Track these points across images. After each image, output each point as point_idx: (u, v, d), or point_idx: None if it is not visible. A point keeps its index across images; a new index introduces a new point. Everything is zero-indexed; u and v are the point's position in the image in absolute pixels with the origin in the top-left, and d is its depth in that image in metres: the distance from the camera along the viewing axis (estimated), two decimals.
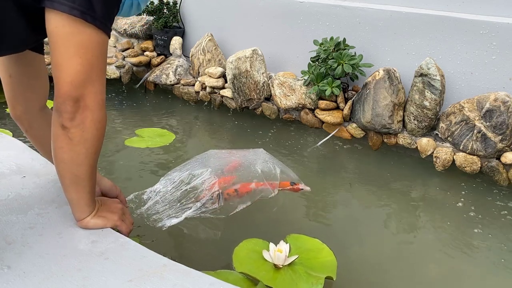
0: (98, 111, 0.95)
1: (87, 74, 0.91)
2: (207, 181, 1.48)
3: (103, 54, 0.95)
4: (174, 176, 1.51)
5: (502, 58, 2.06)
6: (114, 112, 2.82)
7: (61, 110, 0.92)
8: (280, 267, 1.38)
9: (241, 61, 2.60)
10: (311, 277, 1.34)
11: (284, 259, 1.37)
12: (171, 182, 1.50)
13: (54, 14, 0.87)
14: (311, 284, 1.32)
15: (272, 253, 1.38)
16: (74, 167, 0.98)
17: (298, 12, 2.64)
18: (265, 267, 1.37)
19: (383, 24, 2.36)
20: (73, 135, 0.94)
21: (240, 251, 1.44)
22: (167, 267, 0.97)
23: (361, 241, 1.62)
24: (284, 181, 1.57)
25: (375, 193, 1.98)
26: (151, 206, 1.45)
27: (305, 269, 1.38)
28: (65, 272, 0.93)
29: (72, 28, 0.87)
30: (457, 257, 1.59)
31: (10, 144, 1.51)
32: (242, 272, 1.36)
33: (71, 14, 0.85)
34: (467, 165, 2.06)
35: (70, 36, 0.88)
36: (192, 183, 1.49)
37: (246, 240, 1.49)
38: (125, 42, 3.25)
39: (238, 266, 1.38)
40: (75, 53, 0.89)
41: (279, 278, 1.34)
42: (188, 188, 1.48)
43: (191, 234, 1.55)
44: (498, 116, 1.97)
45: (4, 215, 1.11)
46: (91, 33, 0.89)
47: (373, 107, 2.23)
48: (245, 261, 1.40)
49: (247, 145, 2.44)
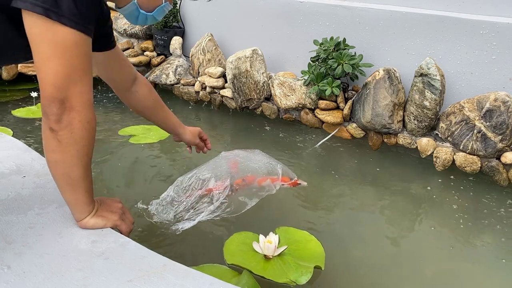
0: (85, 111, 0.94)
1: (68, 75, 0.89)
2: (219, 182, 1.51)
3: (85, 54, 0.93)
4: (185, 181, 1.53)
5: (502, 58, 2.06)
6: (114, 111, 2.82)
7: (47, 113, 0.91)
8: (270, 258, 1.41)
9: (241, 61, 2.60)
10: (300, 267, 1.39)
11: (273, 250, 1.40)
12: (183, 188, 1.52)
13: (24, 14, 0.86)
14: (301, 273, 1.36)
15: (262, 244, 1.42)
16: (67, 168, 0.98)
17: (298, 12, 2.64)
18: (256, 258, 1.41)
19: (383, 24, 2.36)
20: (62, 137, 0.93)
21: (231, 243, 1.48)
22: (167, 267, 0.97)
23: (360, 241, 1.62)
24: (283, 177, 1.60)
25: (375, 193, 1.98)
26: (164, 210, 1.48)
27: (294, 259, 1.42)
28: (65, 272, 0.93)
29: (42, 27, 0.85)
30: (456, 257, 1.59)
31: (10, 144, 1.51)
32: (233, 264, 1.39)
33: (34, 12, 0.84)
34: (467, 165, 2.06)
35: (43, 36, 0.86)
36: (204, 186, 1.51)
37: (237, 233, 1.52)
38: (125, 42, 3.25)
39: (229, 258, 1.41)
40: (52, 53, 0.88)
41: (269, 268, 1.38)
42: (200, 193, 1.50)
43: (182, 232, 1.57)
44: (498, 116, 1.97)
45: (4, 215, 1.11)
46: (64, 32, 0.87)
47: (373, 107, 2.23)
48: (236, 253, 1.43)
49: (247, 145, 2.44)
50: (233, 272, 1.34)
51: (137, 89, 1.42)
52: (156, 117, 1.53)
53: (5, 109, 2.62)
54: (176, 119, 1.61)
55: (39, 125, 2.41)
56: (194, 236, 1.53)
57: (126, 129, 2.49)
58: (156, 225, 1.46)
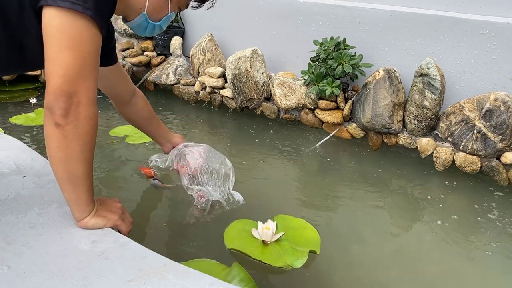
0: (91, 107, 0.96)
1: (80, 68, 0.92)
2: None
3: (96, 51, 0.97)
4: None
5: (502, 58, 2.06)
6: (113, 111, 2.82)
7: (53, 107, 0.92)
8: (268, 243, 1.50)
9: (241, 61, 2.60)
10: (296, 251, 1.47)
11: (271, 236, 1.49)
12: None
13: (48, 10, 0.91)
14: (296, 257, 1.44)
15: (260, 230, 1.50)
16: (71, 165, 0.99)
17: (298, 12, 2.64)
18: (254, 244, 1.50)
19: (383, 24, 2.36)
20: (67, 132, 0.95)
21: (231, 230, 1.56)
22: (167, 267, 0.97)
23: (359, 240, 1.62)
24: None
25: (375, 193, 1.98)
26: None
27: (290, 245, 1.51)
28: (65, 272, 0.93)
29: (63, 19, 0.90)
30: (456, 256, 1.59)
31: (10, 144, 1.51)
32: (233, 249, 1.47)
33: (62, 6, 0.89)
34: (467, 165, 2.06)
35: (62, 28, 0.90)
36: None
37: (237, 221, 1.61)
38: (125, 42, 3.25)
39: (229, 243, 1.49)
40: (67, 45, 0.91)
41: (267, 253, 1.46)
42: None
43: (182, 221, 1.63)
44: (498, 116, 1.97)
45: (4, 215, 1.11)
46: (83, 26, 0.91)
47: (373, 107, 2.23)
48: (236, 239, 1.52)
49: (247, 145, 2.44)
50: (221, 265, 1.37)
51: (136, 101, 1.56)
52: (151, 126, 1.68)
53: (4, 113, 2.59)
54: (166, 127, 1.76)
55: (37, 132, 2.40)
56: (190, 226, 1.60)
57: (116, 129, 2.47)
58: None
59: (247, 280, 1.29)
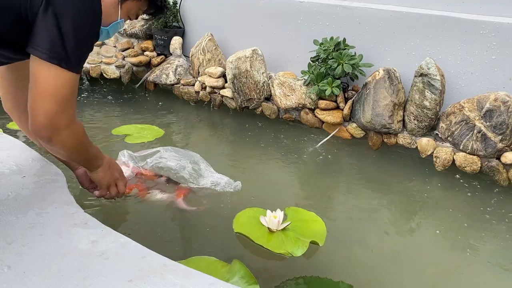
0: (71, 126, 1.08)
1: (59, 108, 1.04)
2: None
3: (75, 89, 1.10)
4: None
5: (502, 58, 2.06)
6: (113, 112, 2.82)
7: (38, 135, 1.06)
8: (274, 231, 1.57)
9: (241, 61, 2.60)
10: (299, 241, 1.53)
11: (277, 224, 1.56)
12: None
13: (37, 59, 1.02)
14: (297, 246, 1.50)
15: (268, 218, 1.58)
16: (73, 157, 1.20)
17: (298, 12, 2.64)
18: (261, 231, 1.57)
19: (383, 24, 2.36)
20: (57, 148, 1.11)
21: (241, 216, 1.65)
22: (167, 267, 0.97)
23: (359, 240, 1.62)
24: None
25: (375, 193, 1.98)
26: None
27: (295, 235, 1.57)
28: (65, 272, 0.93)
29: (50, 71, 1.02)
30: (456, 256, 1.59)
31: (10, 144, 1.51)
32: (239, 232, 1.56)
33: (50, 62, 1.01)
34: (467, 165, 2.06)
35: (49, 79, 1.03)
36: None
37: (249, 208, 1.69)
38: (125, 42, 3.25)
39: (237, 227, 1.58)
40: (50, 92, 1.03)
41: (271, 240, 1.53)
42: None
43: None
44: (498, 116, 1.97)
45: (4, 215, 1.11)
46: (66, 75, 1.04)
47: (373, 107, 2.23)
48: (244, 225, 1.60)
49: (247, 144, 2.44)
50: (222, 262, 1.38)
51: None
52: None
53: (1, 119, 2.55)
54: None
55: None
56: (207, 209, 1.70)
57: (119, 128, 2.50)
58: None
59: (248, 276, 1.30)
